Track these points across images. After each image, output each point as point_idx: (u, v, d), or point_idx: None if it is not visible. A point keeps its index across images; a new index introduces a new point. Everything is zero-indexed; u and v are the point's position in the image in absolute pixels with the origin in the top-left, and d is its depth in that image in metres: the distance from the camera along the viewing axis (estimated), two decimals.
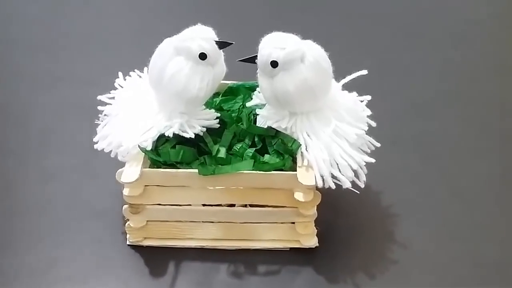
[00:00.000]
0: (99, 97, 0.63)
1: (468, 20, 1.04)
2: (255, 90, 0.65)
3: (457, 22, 1.03)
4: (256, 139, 0.60)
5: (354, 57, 0.88)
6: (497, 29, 1.02)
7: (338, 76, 0.61)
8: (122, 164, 0.59)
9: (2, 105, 0.82)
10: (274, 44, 0.56)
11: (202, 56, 0.56)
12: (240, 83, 0.67)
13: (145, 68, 0.65)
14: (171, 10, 1.06)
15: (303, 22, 1.00)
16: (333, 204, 0.64)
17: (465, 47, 0.96)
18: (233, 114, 0.63)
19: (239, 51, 0.58)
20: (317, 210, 0.59)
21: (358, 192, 0.59)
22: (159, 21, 1.02)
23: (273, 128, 0.59)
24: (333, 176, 0.56)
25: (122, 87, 0.64)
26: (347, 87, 0.62)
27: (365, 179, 0.59)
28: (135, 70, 0.66)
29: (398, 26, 1.02)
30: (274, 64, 0.56)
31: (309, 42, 0.57)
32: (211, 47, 0.56)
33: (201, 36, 0.56)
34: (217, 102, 0.65)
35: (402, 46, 0.96)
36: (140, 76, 0.66)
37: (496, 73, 0.90)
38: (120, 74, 0.65)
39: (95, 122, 0.63)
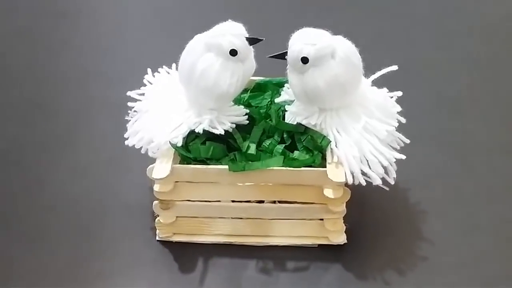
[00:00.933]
0: (129, 93, 0.64)
1: (496, 15, 1.03)
2: (283, 86, 0.65)
3: (485, 18, 1.02)
4: (285, 136, 0.60)
5: (383, 52, 0.87)
6: None
7: (367, 71, 0.61)
8: (151, 160, 0.59)
9: (34, 102, 0.83)
10: (305, 40, 0.56)
11: (233, 52, 0.56)
12: (267, 79, 0.67)
13: (173, 65, 0.66)
14: (199, 6, 1.06)
15: (332, 18, 1.00)
16: (361, 200, 0.63)
17: (493, 42, 0.95)
18: (261, 110, 0.63)
19: (268, 47, 0.58)
20: (346, 206, 0.58)
21: (388, 189, 0.59)
22: (186, 18, 1.02)
23: (302, 125, 0.59)
24: (363, 173, 0.56)
25: (151, 83, 0.65)
26: (377, 83, 0.62)
27: (395, 176, 0.59)
28: (163, 66, 0.67)
29: (427, 21, 1.01)
30: (304, 60, 0.55)
31: (339, 38, 0.57)
32: (241, 43, 0.56)
33: (231, 32, 0.56)
34: (245, 99, 0.65)
35: (430, 42, 0.95)
36: (168, 73, 0.66)
37: None
38: (149, 70, 0.66)
39: (125, 118, 0.64)
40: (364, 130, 0.57)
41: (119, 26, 1.01)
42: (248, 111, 0.62)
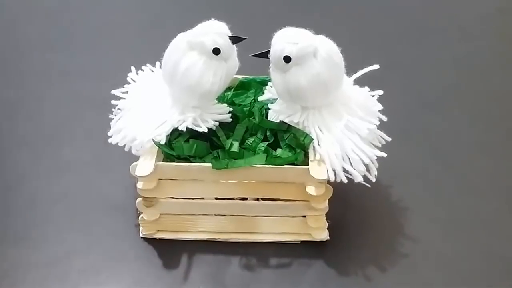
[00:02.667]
0: (113, 91, 0.64)
1: (477, 15, 1.04)
2: (266, 84, 0.65)
3: (466, 17, 1.03)
4: (268, 134, 0.60)
5: (365, 52, 0.88)
6: (506, 24, 1.02)
7: (349, 71, 0.61)
8: (134, 158, 0.59)
9: (16, 99, 0.83)
10: (287, 39, 0.56)
11: (216, 51, 0.57)
12: (251, 77, 0.67)
13: (157, 63, 0.66)
14: (182, 4, 1.06)
15: (314, 17, 1.00)
16: (343, 198, 0.64)
17: (474, 42, 0.96)
18: (244, 109, 0.64)
19: (251, 46, 0.58)
20: (328, 203, 0.59)
21: (369, 186, 0.60)
22: (169, 16, 1.02)
23: (285, 123, 0.59)
24: (344, 170, 0.57)
25: (134, 81, 0.65)
26: (359, 81, 0.63)
27: (376, 173, 0.59)
28: (147, 64, 0.67)
29: (408, 21, 1.02)
30: (287, 59, 0.56)
31: (321, 37, 0.58)
32: (224, 42, 0.57)
33: (214, 31, 0.57)
34: (229, 97, 0.65)
35: (412, 41, 0.96)
36: (152, 71, 0.66)
37: (505, 68, 0.91)
38: (132, 68, 0.66)
39: (109, 116, 0.64)
40: (346, 128, 0.58)
41: (103, 24, 1.01)
42: (231, 109, 0.62)
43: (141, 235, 0.62)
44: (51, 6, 1.05)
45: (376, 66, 0.61)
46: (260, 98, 0.64)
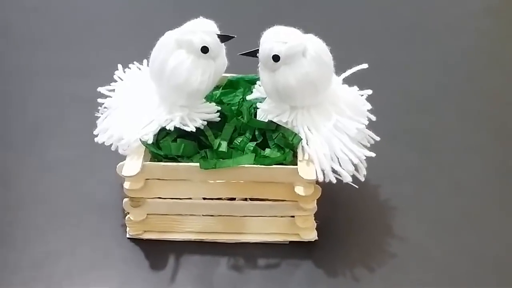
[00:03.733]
0: (99, 89, 0.63)
1: (464, 15, 1.04)
2: (255, 83, 0.65)
3: (454, 16, 1.04)
4: (256, 133, 0.60)
5: (354, 51, 0.88)
6: (492, 24, 1.03)
7: (338, 70, 0.61)
8: (121, 157, 0.59)
9: (1, 97, 0.81)
10: (276, 38, 0.56)
11: (204, 50, 0.56)
12: (239, 76, 0.66)
13: (145, 61, 0.65)
14: (170, 2, 1.05)
15: (304, 16, 1.00)
16: (332, 198, 0.64)
17: (462, 41, 0.97)
18: (233, 108, 0.63)
19: (240, 45, 0.57)
20: (316, 204, 0.59)
21: (358, 187, 0.60)
22: (157, 13, 1.01)
23: (274, 122, 0.59)
24: (333, 170, 0.57)
25: (121, 79, 0.64)
26: (348, 81, 0.62)
27: (365, 173, 0.59)
28: (134, 62, 0.66)
29: (397, 20, 1.02)
30: (276, 58, 0.56)
31: (310, 36, 0.57)
32: (213, 41, 0.56)
33: (203, 29, 0.56)
34: (217, 95, 0.65)
35: (400, 40, 0.96)
36: (139, 69, 0.65)
37: (491, 68, 0.91)
38: (119, 66, 0.65)
39: (95, 114, 0.63)
40: (334, 128, 0.58)
41: (90, 21, 1.00)
42: (219, 108, 0.62)
43: (127, 236, 0.61)
44: (36, 2, 1.04)
45: (365, 66, 0.61)
46: (248, 97, 0.63)
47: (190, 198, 0.59)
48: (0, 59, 0.89)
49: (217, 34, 0.57)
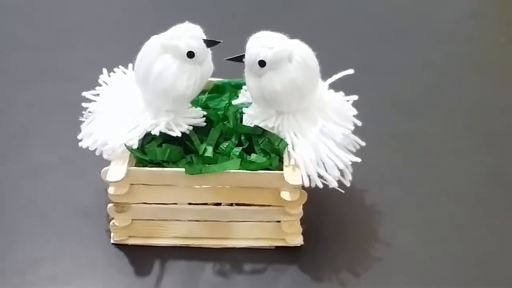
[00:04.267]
0: (84, 94, 0.63)
1: (449, 20, 1.05)
2: (241, 88, 0.65)
3: (440, 21, 1.05)
4: (242, 138, 0.60)
5: (340, 56, 0.88)
6: (478, 29, 1.04)
7: (324, 75, 0.61)
8: (105, 162, 0.58)
9: None
10: (262, 44, 0.56)
11: (190, 54, 0.56)
12: (226, 80, 0.66)
13: (130, 65, 0.65)
14: (156, 6, 1.05)
15: (290, 21, 1.00)
16: (318, 203, 0.64)
17: (448, 45, 0.97)
18: (219, 112, 0.63)
19: (226, 50, 0.57)
20: (302, 209, 0.59)
21: (344, 192, 0.60)
22: (142, 18, 1.01)
23: (260, 127, 0.59)
24: (319, 176, 0.57)
25: (106, 83, 0.64)
26: (334, 86, 0.63)
27: (351, 178, 0.59)
28: (119, 66, 0.66)
29: (383, 25, 1.03)
30: (261, 63, 0.56)
31: (296, 42, 0.58)
32: (199, 46, 0.56)
33: (189, 34, 0.56)
34: (203, 100, 0.65)
35: (386, 45, 0.97)
36: (124, 73, 0.65)
37: (477, 72, 0.92)
38: (104, 70, 0.65)
39: (79, 119, 0.62)
40: (320, 133, 0.58)
41: (75, 25, 0.99)
42: (205, 113, 0.62)
43: (112, 241, 0.61)
44: (21, 5, 1.03)
45: (350, 71, 0.61)
46: (234, 102, 0.63)
47: (175, 203, 0.59)
48: None
49: (203, 39, 0.57)
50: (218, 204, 0.59)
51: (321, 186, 0.57)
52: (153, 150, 0.57)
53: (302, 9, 1.06)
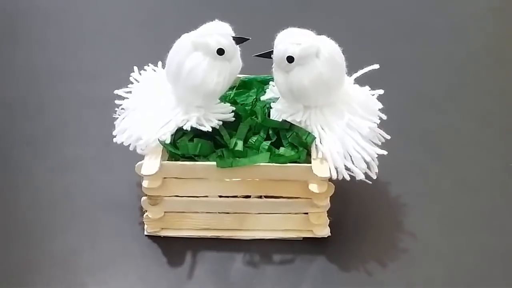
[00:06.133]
0: (116, 91, 0.64)
1: (470, 15, 1.05)
2: (267, 83, 0.66)
3: (461, 16, 1.05)
4: (270, 132, 0.61)
5: (365, 52, 0.89)
6: (498, 23, 1.04)
7: (350, 70, 0.62)
8: (136, 157, 0.60)
9: (18, 98, 0.83)
10: (290, 40, 0.57)
11: (220, 52, 0.57)
12: (252, 76, 0.68)
13: (159, 62, 0.66)
14: (185, 5, 1.06)
15: (316, 18, 1.01)
16: (344, 195, 0.65)
17: (470, 40, 0.98)
18: (247, 108, 0.65)
19: (254, 46, 0.59)
20: (329, 201, 0.60)
21: (370, 183, 0.61)
22: (172, 17, 1.03)
23: (288, 122, 0.60)
24: (346, 168, 0.58)
25: (137, 81, 0.65)
26: (359, 81, 0.64)
27: (377, 171, 0.60)
28: (149, 64, 0.68)
29: (406, 21, 1.03)
30: (290, 59, 0.57)
31: (323, 38, 0.59)
32: (228, 43, 0.58)
33: (218, 32, 0.57)
34: (231, 96, 0.66)
35: (410, 41, 0.98)
36: (154, 70, 0.67)
37: (500, 67, 0.92)
38: (135, 68, 0.67)
39: (111, 115, 0.64)
40: (347, 127, 0.59)
41: (104, 24, 1.01)
42: (234, 108, 0.63)
43: (145, 233, 0.63)
44: (52, 6, 1.05)
45: (376, 66, 0.62)
46: (263, 98, 0.65)
47: (206, 196, 0.61)
48: (17, 62, 0.91)
49: (232, 37, 0.58)
50: (248, 196, 0.61)
51: (348, 178, 0.58)
52: (185, 145, 0.59)
53: (329, 6, 1.07)
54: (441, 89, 0.86)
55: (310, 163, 0.58)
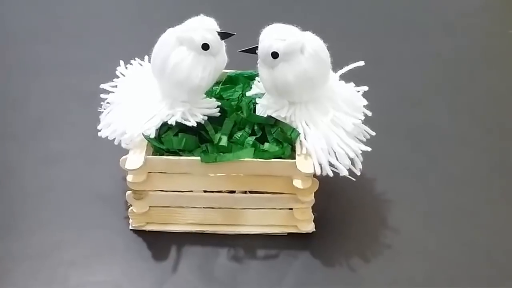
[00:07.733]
0: (102, 86, 0.64)
1: (458, 12, 1.06)
2: (254, 79, 0.66)
3: (450, 13, 1.05)
4: (255, 128, 0.61)
5: (350, 48, 0.89)
6: (488, 21, 1.04)
7: (335, 67, 0.62)
8: (121, 151, 0.60)
9: (3, 91, 0.83)
10: (275, 36, 0.57)
11: (205, 47, 0.57)
12: (238, 72, 0.68)
13: (146, 57, 0.66)
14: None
15: (301, 14, 1.01)
16: (329, 191, 0.65)
17: (458, 38, 0.98)
18: (232, 103, 0.65)
19: (239, 42, 0.59)
20: (314, 196, 0.60)
21: (354, 179, 0.61)
22: (157, 11, 1.02)
23: (273, 117, 0.60)
24: (330, 164, 0.58)
25: (123, 75, 0.65)
26: (344, 77, 0.64)
27: (361, 167, 0.61)
28: (136, 58, 0.67)
29: (393, 17, 1.04)
30: (274, 55, 0.57)
31: (308, 34, 0.59)
32: (213, 38, 0.57)
33: (203, 26, 0.57)
34: (217, 91, 0.66)
35: (396, 37, 0.98)
36: (141, 65, 0.67)
37: (487, 64, 0.93)
38: (121, 62, 0.66)
39: (95, 109, 0.64)
40: (331, 123, 0.59)
41: (91, 17, 1.01)
42: (219, 103, 0.63)
43: (130, 227, 0.63)
44: None
45: (361, 63, 0.62)
46: (248, 93, 0.65)
47: (191, 191, 0.61)
48: (3, 53, 0.91)
49: (218, 32, 0.58)
50: (232, 191, 0.61)
51: (331, 174, 0.58)
52: (169, 139, 0.59)
53: (314, 3, 1.07)
54: (427, 86, 0.87)
55: (295, 159, 0.58)
